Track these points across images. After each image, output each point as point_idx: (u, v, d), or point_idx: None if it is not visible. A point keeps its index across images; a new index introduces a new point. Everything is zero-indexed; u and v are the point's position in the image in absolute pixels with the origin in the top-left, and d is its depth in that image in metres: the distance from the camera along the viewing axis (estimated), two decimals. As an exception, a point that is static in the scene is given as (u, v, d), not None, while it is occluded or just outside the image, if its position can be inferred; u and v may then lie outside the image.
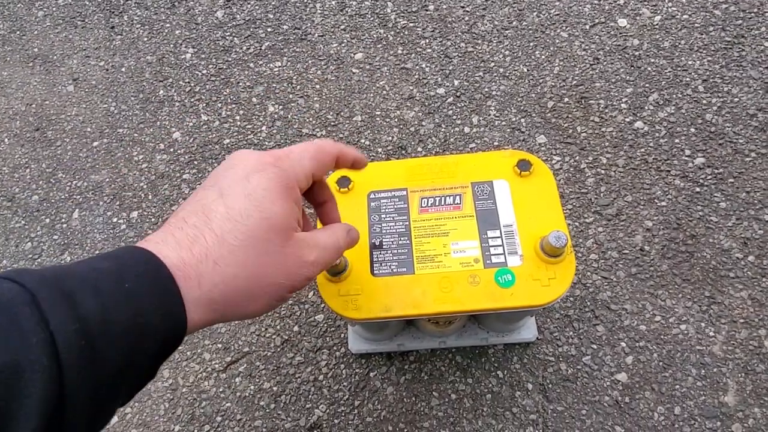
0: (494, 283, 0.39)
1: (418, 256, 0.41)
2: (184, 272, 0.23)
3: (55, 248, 0.68)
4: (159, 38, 0.84)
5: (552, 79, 0.71)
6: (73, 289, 0.20)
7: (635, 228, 0.60)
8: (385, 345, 0.54)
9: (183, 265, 0.23)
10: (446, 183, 0.44)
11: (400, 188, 0.45)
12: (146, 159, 0.73)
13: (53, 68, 0.84)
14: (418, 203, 0.44)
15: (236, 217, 0.25)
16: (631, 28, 0.74)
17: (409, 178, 0.45)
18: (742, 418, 0.50)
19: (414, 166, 0.46)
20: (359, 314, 0.40)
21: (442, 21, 0.78)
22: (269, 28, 0.82)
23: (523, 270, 0.40)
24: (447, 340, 0.53)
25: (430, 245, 0.42)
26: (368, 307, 0.40)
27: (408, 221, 0.43)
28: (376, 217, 0.44)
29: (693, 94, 0.68)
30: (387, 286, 0.40)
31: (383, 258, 0.42)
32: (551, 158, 0.66)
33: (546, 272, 0.39)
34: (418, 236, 0.42)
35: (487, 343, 0.54)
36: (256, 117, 0.74)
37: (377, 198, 0.45)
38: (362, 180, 0.45)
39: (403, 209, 0.44)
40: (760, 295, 0.55)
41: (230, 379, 0.57)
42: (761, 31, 0.71)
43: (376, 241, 0.42)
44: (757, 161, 0.63)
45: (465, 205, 0.43)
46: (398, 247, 0.42)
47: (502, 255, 0.40)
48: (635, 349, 0.54)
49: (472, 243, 0.41)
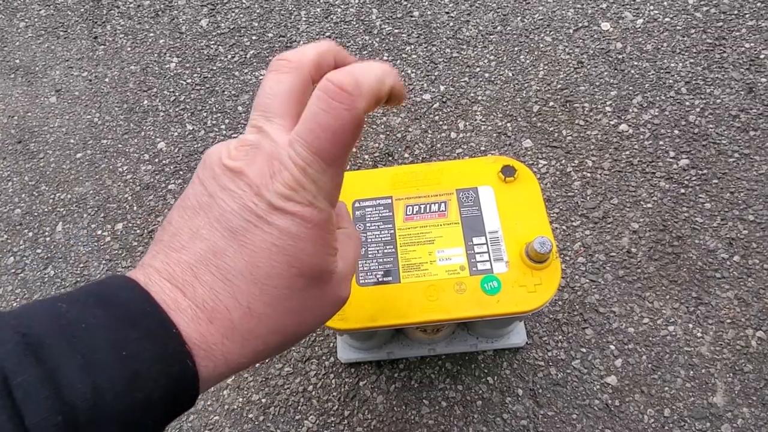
0: (480, 290, 0.39)
1: (403, 265, 0.41)
2: (206, 351, 0.18)
3: (38, 262, 0.67)
4: (143, 48, 0.84)
5: (537, 84, 0.72)
6: (55, 359, 0.16)
7: (622, 230, 0.61)
8: (374, 353, 0.54)
9: (204, 343, 0.18)
10: (431, 190, 0.44)
11: (384, 196, 0.44)
12: (131, 170, 0.72)
13: (35, 79, 0.83)
14: (403, 211, 0.44)
15: (262, 280, 0.19)
16: (614, 32, 0.75)
17: (394, 186, 0.45)
18: (731, 419, 0.50)
19: (398, 174, 0.45)
20: (346, 325, 0.39)
21: (427, 27, 0.79)
22: (254, 36, 0.82)
23: (508, 276, 0.40)
24: (436, 347, 0.53)
25: (415, 253, 0.41)
26: (355, 318, 0.39)
27: (393, 229, 0.43)
28: (361, 226, 0.43)
29: (676, 96, 0.69)
30: (373, 295, 0.40)
31: (368, 267, 0.41)
32: (537, 162, 0.66)
33: (532, 278, 0.39)
34: (403, 244, 0.42)
35: (477, 350, 0.54)
36: (242, 126, 0.74)
37: (362, 206, 0.44)
38: (346, 188, 0.45)
39: (388, 217, 0.43)
40: (746, 295, 0.56)
41: (218, 391, 0.56)
42: (741, 32, 0.72)
43: (362, 250, 0.42)
44: (740, 162, 0.63)
45: (450, 212, 0.43)
46: (383, 256, 0.42)
47: (488, 262, 0.40)
48: (624, 352, 0.54)
49: (457, 250, 0.41)
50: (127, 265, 0.65)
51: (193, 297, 0.18)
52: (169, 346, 0.17)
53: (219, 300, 0.19)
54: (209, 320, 0.18)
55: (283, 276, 0.19)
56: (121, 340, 0.17)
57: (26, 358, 0.15)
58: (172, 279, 0.19)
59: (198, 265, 0.19)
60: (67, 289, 0.65)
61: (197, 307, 0.18)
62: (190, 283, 0.19)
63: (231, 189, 0.19)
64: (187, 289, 0.19)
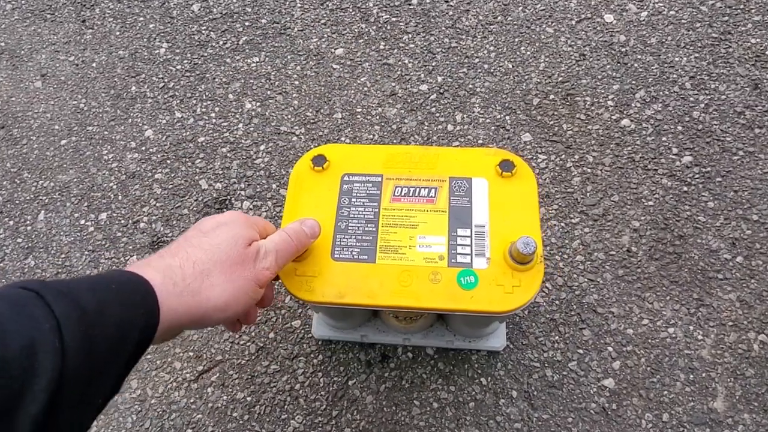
0: (456, 283, 0.38)
1: (381, 246, 0.40)
2: (163, 274, 0.29)
3: (18, 251, 0.65)
4: (132, 32, 0.81)
5: (537, 76, 0.70)
6: (72, 288, 0.24)
7: (622, 228, 0.59)
8: (348, 334, 0.52)
9: (161, 273, 0.29)
10: (424, 174, 0.43)
11: (375, 174, 0.43)
12: (116, 158, 0.70)
13: (20, 63, 0.81)
14: (391, 191, 0.42)
15: (205, 246, 0.31)
16: (617, 24, 0.73)
17: (387, 165, 0.43)
18: (732, 425, 0.49)
19: (393, 154, 0.44)
20: (312, 297, 0.38)
21: (426, 15, 0.76)
22: (247, 22, 0.79)
23: (487, 273, 0.38)
24: (411, 337, 0.51)
25: (396, 236, 0.40)
26: (322, 291, 0.38)
27: (378, 208, 0.41)
28: (346, 200, 0.42)
29: (680, 91, 0.67)
30: (345, 271, 0.39)
31: (346, 242, 0.40)
32: (537, 157, 0.64)
33: (511, 279, 0.37)
34: (385, 225, 0.41)
35: (453, 346, 0.52)
36: (233, 114, 0.71)
37: (351, 181, 0.43)
38: (339, 161, 0.44)
39: (375, 195, 0.42)
40: (748, 297, 0.54)
41: (202, 389, 0.54)
42: (748, 27, 0.70)
43: (342, 224, 0.41)
44: (744, 160, 0.61)
45: (439, 200, 0.41)
46: (363, 234, 0.40)
47: (469, 255, 0.39)
48: (622, 354, 0.53)
49: (439, 239, 0.39)
50: (110, 256, 0.63)
51: (160, 262, 0.30)
52: (147, 299, 0.27)
53: (178, 255, 0.31)
54: (170, 262, 0.30)
55: (222, 244, 0.32)
56: (111, 281, 0.26)
57: (50, 286, 0.24)
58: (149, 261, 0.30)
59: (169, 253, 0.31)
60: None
61: (165, 260, 0.30)
62: (160, 256, 0.31)
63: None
64: (155, 260, 0.30)
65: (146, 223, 0.65)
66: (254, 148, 0.68)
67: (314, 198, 0.42)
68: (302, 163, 0.44)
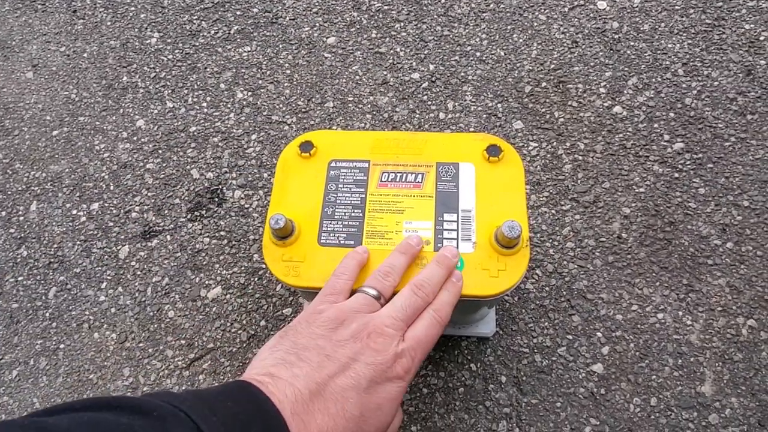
0: None
1: (368, 231, 0.40)
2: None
3: (11, 242, 0.65)
4: (123, 22, 0.81)
5: (530, 63, 0.69)
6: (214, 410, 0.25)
7: (613, 215, 0.59)
8: None
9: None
10: (411, 160, 0.43)
11: (362, 159, 0.43)
12: (108, 148, 0.70)
13: (11, 54, 0.80)
14: (378, 177, 0.42)
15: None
16: (610, 11, 0.72)
17: (374, 151, 0.43)
18: (719, 408, 0.49)
19: (380, 139, 0.44)
20: (299, 282, 0.38)
21: (418, 3, 0.76)
22: (238, 11, 0.79)
23: (473, 258, 0.38)
24: None
25: (382, 221, 0.40)
26: (308, 276, 0.38)
27: (365, 194, 0.41)
28: (333, 186, 0.42)
29: (672, 77, 0.66)
30: (331, 256, 0.39)
31: (332, 228, 0.40)
32: (528, 144, 0.64)
33: (496, 263, 0.37)
34: (372, 210, 0.41)
35: (443, 333, 0.52)
36: (224, 104, 0.71)
37: (337, 167, 0.43)
38: (326, 147, 0.44)
39: (362, 181, 0.42)
40: (738, 283, 0.54)
41: (193, 376, 0.55)
42: (741, 13, 0.70)
43: (329, 210, 0.41)
44: (736, 146, 0.61)
45: (426, 185, 0.41)
46: (350, 219, 0.40)
47: (455, 240, 0.39)
48: (611, 339, 0.53)
49: (426, 224, 0.40)
50: (102, 245, 0.63)
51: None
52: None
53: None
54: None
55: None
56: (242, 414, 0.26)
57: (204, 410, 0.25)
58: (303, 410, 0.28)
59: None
60: (39, 269, 0.63)
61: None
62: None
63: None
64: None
65: (138, 213, 0.65)
66: (246, 137, 0.68)
67: (301, 184, 0.42)
68: (289, 150, 0.44)
